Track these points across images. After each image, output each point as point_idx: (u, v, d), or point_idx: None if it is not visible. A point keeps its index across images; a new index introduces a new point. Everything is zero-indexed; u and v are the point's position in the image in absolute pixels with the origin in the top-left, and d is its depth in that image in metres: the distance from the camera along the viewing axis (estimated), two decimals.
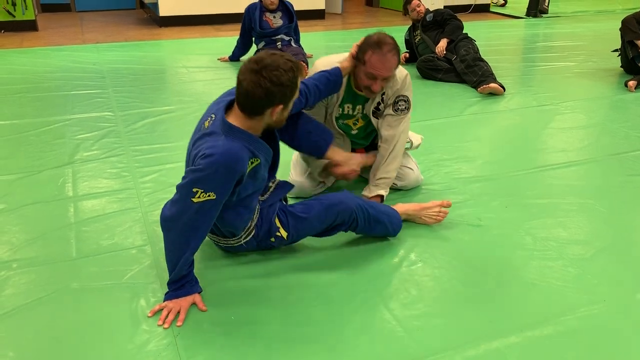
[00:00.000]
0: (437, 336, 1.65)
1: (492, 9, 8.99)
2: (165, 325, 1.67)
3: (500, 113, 3.78)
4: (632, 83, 4.26)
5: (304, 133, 2.15)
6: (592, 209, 2.43)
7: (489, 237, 2.20)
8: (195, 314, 1.73)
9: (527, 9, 8.26)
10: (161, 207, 1.76)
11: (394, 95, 2.36)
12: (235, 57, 5.18)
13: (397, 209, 2.20)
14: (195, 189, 1.64)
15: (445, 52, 4.54)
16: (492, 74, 4.28)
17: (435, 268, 1.99)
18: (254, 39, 5.03)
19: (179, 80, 4.65)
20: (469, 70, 4.36)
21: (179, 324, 1.68)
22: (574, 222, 2.31)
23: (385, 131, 2.39)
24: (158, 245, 2.10)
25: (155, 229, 2.22)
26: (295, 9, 5.03)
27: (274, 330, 1.67)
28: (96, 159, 2.93)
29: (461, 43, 4.55)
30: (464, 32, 4.68)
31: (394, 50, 2.17)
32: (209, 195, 1.64)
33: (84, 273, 1.94)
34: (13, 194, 2.53)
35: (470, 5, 8.72)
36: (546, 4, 8.29)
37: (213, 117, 1.77)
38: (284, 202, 2.09)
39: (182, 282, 1.77)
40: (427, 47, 4.75)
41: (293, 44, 4.95)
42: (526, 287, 1.88)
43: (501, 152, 3.09)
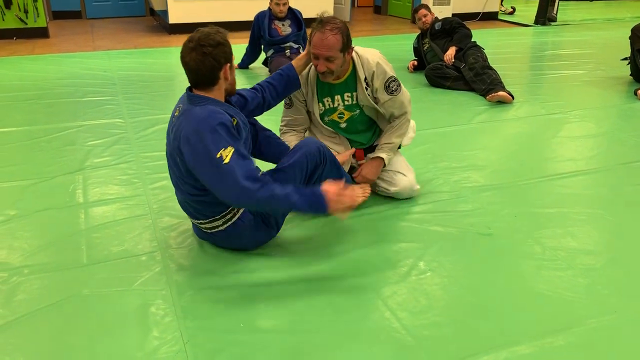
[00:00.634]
0: (446, 345, 1.64)
1: (501, 16, 9.00)
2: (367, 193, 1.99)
3: (509, 121, 3.78)
4: None
5: (264, 138, 2.28)
6: (601, 218, 2.42)
7: (498, 246, 2.19)
8: (204, 320, 1.74)
9: (536, 16, 8.26)
10: (171, 213, 1.79)
11: (377, 80, 2.35)
12: (244, 64, 5.21)
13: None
14: (217, 155, 1.75)
15: (453, 60, 4.55)
16: (501, 82, 4.28)
17: (444, 277, 1.98)
18: (262, 46, 5.06)
19: None
20: (477, 79, 4.36)
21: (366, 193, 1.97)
22: (584, 231, 2.30)
23: (398, 111, 2.44)
24: (168, 252, 2.11)
25: (165, 235, 2.23)
26: (304, 16, 5.06)
27: (282, 338, 1.67)
28: (106, 166, 2.95)
29: (470, 51, 4.56)
30: (472, 40, 4.69)
31: (337, 29, 2.17)
32: (229, 150, 1.77)
33: (95, 279, 1.95)
34: (25, 200, 2.55)
35: (479, 13, 8.73)
36: (555, 12, 8.28)
37: (180, 106, 1.93)
38: None
39: (318, 196, 1.82)
40: (436, 55, 4.76)
41: (302, 51, 4.97)
42: (536, 297, 1.87)
43: (510, 161, 3.09)
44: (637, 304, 1.84)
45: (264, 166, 2.18)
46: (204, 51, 1.81)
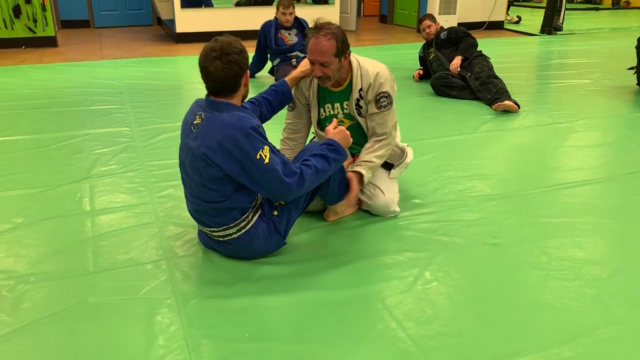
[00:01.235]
0: (452, 356, 1.64)
1: (507, 26, 9.02)
2: None
3: (515, 130, 3.77)
4: None
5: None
6: (608, 228, 2.41)
7: (505, 256, 2.18)
8: (209, 329, 1.74)
9: (542, 26, 8.27)
10: (177, 221, 1.79)
11: (371, 92, 2.34)
12: (251, 73, 5.24)
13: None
14: (257, 157, 1.83)
15: (459, 70, 4.56)
16: (507, 91, 4.28)
17: (450, 287, 1.98)
18: (269, 55, 5.09)
19: (195, 96, 4.67)
20: (483, 88, 4.36)
21: None
22: (590, 241, 2.29)
23: (380, 129, 2.40)
24: (173, 261, 2.12)
25: (171, 244, 2.24)
26: (310, 26, 5.08)
27: (287, 348, 1.67)
28: (113, 174, 2.97)
29: (475, 60, 4.56)
30: (478, 49, 4.70)
31: (330, 35, 2.18)
32: (266, 150, 1.86)
33: (101, 288, 1.96)
34: (32, 207, 2.57)
35: (485, 22, 8.75)
36: (561, 21, 8.29)
37: (202, 114, 1.93)
38: None
39: (331, 143, 2.06)
40: (441, 65, 4.77)
41: None
42: (542, 307, 1.86)
43: (516, 170, 3.08)
44: None
45: None
46: (230, 59, 1.84)
